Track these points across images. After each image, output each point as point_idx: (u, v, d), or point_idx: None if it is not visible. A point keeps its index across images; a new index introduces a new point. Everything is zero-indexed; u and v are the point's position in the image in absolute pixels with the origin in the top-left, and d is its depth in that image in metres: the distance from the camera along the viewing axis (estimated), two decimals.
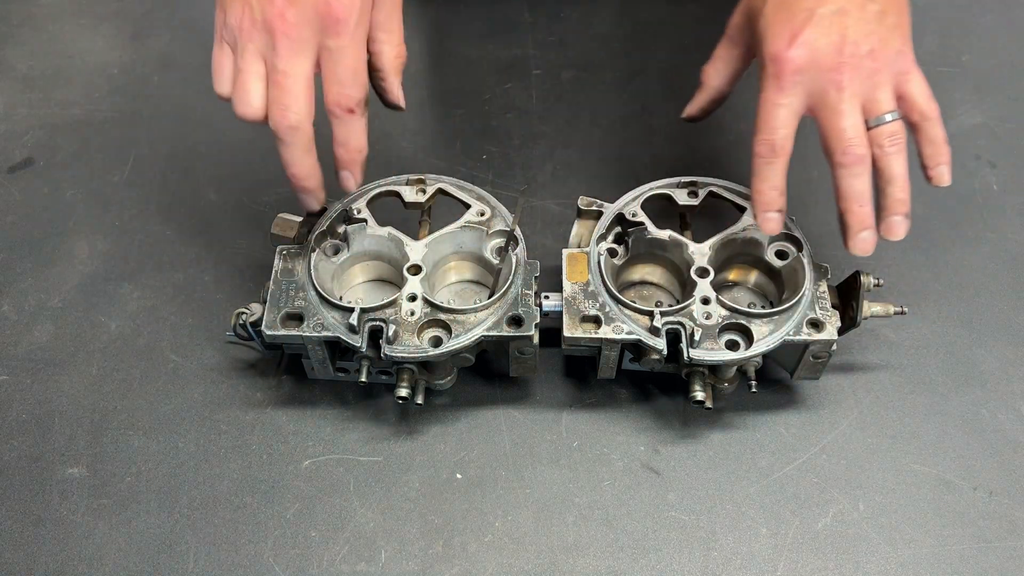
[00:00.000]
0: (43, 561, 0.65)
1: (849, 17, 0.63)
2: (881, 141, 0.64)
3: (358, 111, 0.63)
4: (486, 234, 0.72)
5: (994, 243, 0.83)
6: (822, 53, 0.63)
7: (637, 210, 0.72)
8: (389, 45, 0.65)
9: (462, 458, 0.70)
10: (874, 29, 0.63)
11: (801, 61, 0.63)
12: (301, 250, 0.70)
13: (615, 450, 0.70)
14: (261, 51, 0.61)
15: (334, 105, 0.62)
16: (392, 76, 0.66)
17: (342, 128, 0.63)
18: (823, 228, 0.84)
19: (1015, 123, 0.93)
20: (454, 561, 0.65)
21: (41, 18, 1.06)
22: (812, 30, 0.63)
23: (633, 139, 0.92)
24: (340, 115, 0.62)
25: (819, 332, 0.66)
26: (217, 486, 0.68)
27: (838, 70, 0.63)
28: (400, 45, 0.66)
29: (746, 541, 0.66)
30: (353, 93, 0.62)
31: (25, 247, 0.83)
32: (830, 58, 0.63)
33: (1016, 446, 0.70)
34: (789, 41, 0.63)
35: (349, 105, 0.62)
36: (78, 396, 0.73)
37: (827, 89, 0.63)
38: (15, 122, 0.94)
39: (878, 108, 0.64)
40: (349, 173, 0.66)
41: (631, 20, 1.04)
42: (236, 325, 0.68)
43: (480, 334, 0.66)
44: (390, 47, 0.65)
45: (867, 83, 0.63)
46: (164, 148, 0.92)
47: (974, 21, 1.03)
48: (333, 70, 0.61)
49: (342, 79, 0.61)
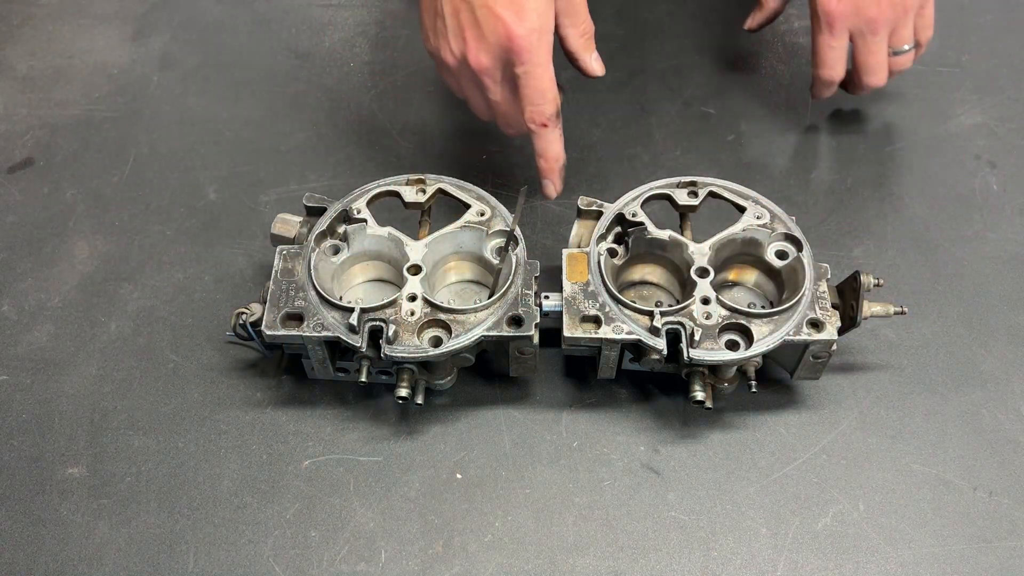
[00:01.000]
0: (43, 561, 0.65)
1: None
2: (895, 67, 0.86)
3: (551, 124, 0.70)
4: (486, 234, 0.72)
5: (994, 243, 0.83)
6: (864, 5, 0.81)
7: (637, 210, 0.72)
8: (573, 28, 0.71)
9: (462, 458, 0.70)
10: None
11: (848, 13, 0.82)
12: (301, 250, 0.70)
13: (615, 450, 0.70)
14: (473, 81, 0.71)
15: (529, 122, 0.70)
16: (583, 54, 0.73)
17: (540, 141, 0.71)
18: (823, 228, 0.84)
19: (1015, 123, 0.93)
20: (454, 561, 0.65)
21: (41, 18, 1.06)
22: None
23: (633, 139, 0.92)
24: (536, 129, 0.70)
25: (819, 332, 0.66)
26: (217, 486, 0.68)
27: (875, 19, 0.82)
28: (584, 23, 0.71)
29: (746, 541, 0.66)
30: (544, 109, 0.69)
31: (25, 247, 0.83)
32: (871, 9, 0.81)
33: (1016, 446, 0.70)
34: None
35: (542, 120, 0.69)
36: (78, 396, 0.73)
37: (865, 31, 0.83)
38: (15, 122, 0.94)
39: (900, 40, 0.84)
40: (549, 181, 0.72)
41: (631, 20, 1.04)
42: (236, 325, 0.68)
43: (480, 334, 0.66)
44: (574, 30, 0.71)
45: (895, 22, 0.83)
46: (164, 148, 0.92)
47: (974, 21, 1.04)
48: (524, 92, 0.68)
49: (533, 99, 0.68)
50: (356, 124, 0.94)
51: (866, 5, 0.82)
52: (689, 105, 0.95)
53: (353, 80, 0.98)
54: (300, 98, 0.96)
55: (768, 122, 0.93)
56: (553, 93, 0.69)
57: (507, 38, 0.65)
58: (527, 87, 0.67)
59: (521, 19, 0.65)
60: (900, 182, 0.88)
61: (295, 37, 1.03)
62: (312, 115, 0.95)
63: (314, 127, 0.93)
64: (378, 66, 1.00)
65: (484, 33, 0.66)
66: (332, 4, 1.07)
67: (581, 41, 0.72)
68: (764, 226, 0.71)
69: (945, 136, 0.92)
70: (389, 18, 1.05)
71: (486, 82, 0.69)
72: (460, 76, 0.71)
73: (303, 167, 0.89)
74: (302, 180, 0.88)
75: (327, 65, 1.00)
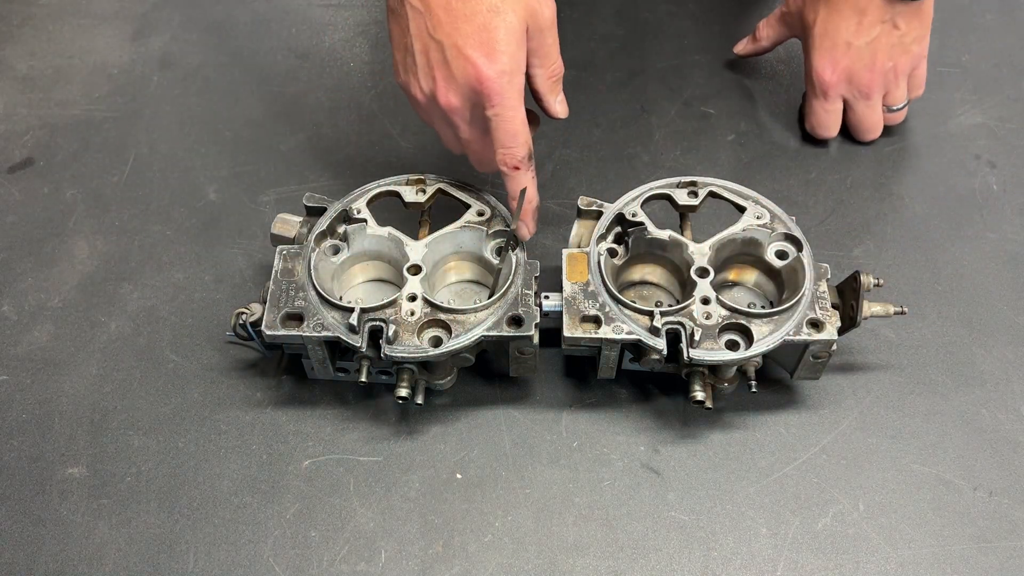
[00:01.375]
0: (43, 561, 0.65)
1: (879, 43, 0.84)
2: (889, 122, 0.90)
3: (523, 167, 0.67)
4: (486, 234, 0.72)
5: (994, 243, 0.83)
6: (857, 75, 0.85)
7: (637, 210, 0.72)
8: (542, 69, 0.69)
9: (462, 458, 0.70)
10: (898, 48, 0.84)
11: (841, 83, 0.86)
12: (301, 250, 0.70)
13: (615, 450, 0.70)
14: (443, 119, 0.69)
15: (501, 164, 0.67)
16: (548, 96, 0.71)
17: (512, 183, 0.68)
18: (823, 228, 0.84)
19: (1015, 123, 0.93)
20: (454, 561, 0.65)
21: (41, 18, 1.06)
22: (850, 60, 0.85)
23: (633, 139, 0.92)
24: (508, 172, 0.68)
25: (819, 332, 0.66)
26: (217, 486, 0.68)
27: (869, 86, 0.86)
28: (553, 65, 0.69)
29: (746, 541, 0.66)
30: (516, 152, 0.67)
31: (25, 247, 0.83)
32: (864, 76, 0.85)
33: (1016, 446, 0.70)
34: (832, 69, 0.86)
35: (514, 163, 0.67)
36: (78, 396, 0.73)
37: (859, 97, 0.87)
38: (15, 122, 0.94)
39: (893, 100, 0.88)
40: (523, 223, 0.70)
41: (631, 20, 1.04)
42: (236, 325, 0.68)
43: (480, 334, 0.66)
44: (542, 70, 0.69)
45: (888, 87, 0.87)
46: (164, 148, 0.92)
47: (974, 21, 1.04)
48: (495, 135, 0.66)
49: (504, 142, 0.66)
50: (356, 124, 0.94)
51: (859, 73, 0.85)
52: (689, 105, 0.95)
53: (353, 80, 0.98)
54: (300, 98, 0.96)
55: (768, 122, 0.93)
56: (525, 136, 0.66)
57: (477, 80, 0.63)
58: (498, 130, 0.65)
59: (492, 61, 0.63)
60: (900, 182, 0.88)
61: (295, 37, 1.03)
62: (312, 115, 0.95)
63: (314, 127, 0.93)
64: (378, 66, 1.00)
65: (454, 73, 0.64)
66: (332, 4, 1.07)
67: (548, 83, 0.70)
68: (764, 226, 0.71)
69: (945, 136, 0.92)
70: None
71: (456, 121, 0.67)
72: (431, 113, 0.69)
73: (303, 167, 0.89)
74: (302, 180, 0.88)
75: (327, 65, 1.00)
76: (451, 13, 0.63)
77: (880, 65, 0.84)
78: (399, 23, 0.67)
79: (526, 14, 0.64)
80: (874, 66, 0.84)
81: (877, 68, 0.84)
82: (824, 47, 0.85)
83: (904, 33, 0.83)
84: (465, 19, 0.63)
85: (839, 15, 0.84)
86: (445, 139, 0.71)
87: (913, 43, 0.84)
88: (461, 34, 0.63)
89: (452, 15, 0.63)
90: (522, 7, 0.64)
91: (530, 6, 0.65)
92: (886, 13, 0.82)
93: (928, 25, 0.84)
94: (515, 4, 0.63)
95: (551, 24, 0.67)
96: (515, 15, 0.63)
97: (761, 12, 1.04)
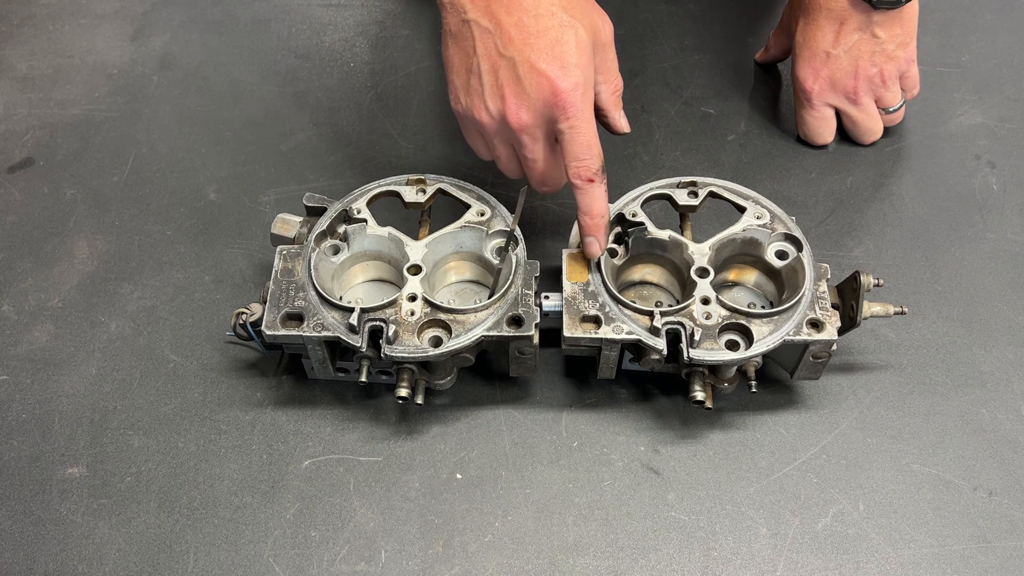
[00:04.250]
0: (43, 561, 0.65)
1: (859, 51, 0.84)
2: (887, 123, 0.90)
3: (596, 179, 0.67)
4: (486, 234, 0.72)
5: (994, 243, 0.83)
6: (840, 82, 0.86)
7: (637, 210, 0.72)
8: (604, 85, 0.69)
9: (462, 458, 0.70)
10: (880, 55, 0.84)
11: (825, 91, 0.87)
12: (301, 250, 0.70)
13: (615, 450, 0.70)
14: (508, 140, 0.68)
15: (574, 177, 0.66)
16: (612, 111, 0.71)
17: (584, 197, 0.67)
18: (823, 228, 0.84)
19: (1015, 123, 0.93)
20: (454, 561, 0.65)
21: (41, 18, 1.06)
22: (830, 69, 0.86)
23: (633, 139, 0.92)
24: (581, 185, 0.66)
25: (819, 332, 0.66)
26: (217, 486, 0.68)
27: (854, 91, 0.86)
28: (615, 81, 0.70)
29: (746, 541, 0.66)
30: (591, 164, 0.66)
31: (25, 247, 0.83)
32: (847, 83, 0.86)
33: (1016, 446, 0.70)
34: (813, 78, 0.86)
35: (588, 175, 0.66)
36: (78, 396, 0.73)
37: (847, 102, 0.87)
38: (15, 122, 0.94)
39: (887, 103, 0.88)
40: (594, 239, 0.69)
41: (631, 20, 1.04)
42: (236, 325, 0.68)
43: (480, 334, 0.66)
44: (605, 87, 0.69)
45: (876, 91, 0.87)
46: (164, 148, 0.92)
47: (974, 21, 1.04)
48: (569, 147, 0.65)
49: (578, 154, 0.65)
50: (356, 124, 0.94)
51: (841, 80, 0.85)
52: (689, 105, 0.95)
53: (353, 80, 0.98)
54: (300, 98, 0.96)
55: (768, 122, 0.93)
56: (598, 148, 0.66)
57: (552, 93, 0.63)
58: (572, 142, 0.65)
59: (566, 74, 0.63)
60: (900, 182, 0.88)
61: (295, 37, 1.03)
62: (312, 115, 0.95)
63: (314, 127, 0.93)
64: (378, 66, 1.00)
65: (526, 89, 0.64)
66: (332, 4, 1.07)
67: (612, 99, 0.70)
68: (764, 226, 0.71)
69: (945, 136, 0.92)
70: (389, 18, 1.05)
71: (524, 140, 0.66)
72: (495, 136, 0.68)
73: (303, 167, 0.90)
74: (302, 180, 0.88)
75: (327, 65, 1.00)
76: (523, 30, 0.63)
77: (863, 72, 0.85)
78: (461, 46, 0.67)
79: (591, 31, 0.65)
80: (857, 73, 0.85)
81: (861, 75, 0.85)
82: (804, 56, 0.86)
83: (885, 40, 0.83)
84: (537, 35, 0.63)
85: (816, 25, 0.85)
86: (505, 164, 0.71)
87: (897, 49, 0.84)
88: (534, 49, 0.63)
89: (524, 32, 0.63)
90: (588, 24, 0.65)
91: (594, 23, 0.66)
92: (863, 23, 0.83)
93: (912, 30, 0.84)
94: (583, 20, 0.64)
95: (611, 41, 0.68)
96: (584, 31, 0.64)
97: (761, 13, 1.04)
